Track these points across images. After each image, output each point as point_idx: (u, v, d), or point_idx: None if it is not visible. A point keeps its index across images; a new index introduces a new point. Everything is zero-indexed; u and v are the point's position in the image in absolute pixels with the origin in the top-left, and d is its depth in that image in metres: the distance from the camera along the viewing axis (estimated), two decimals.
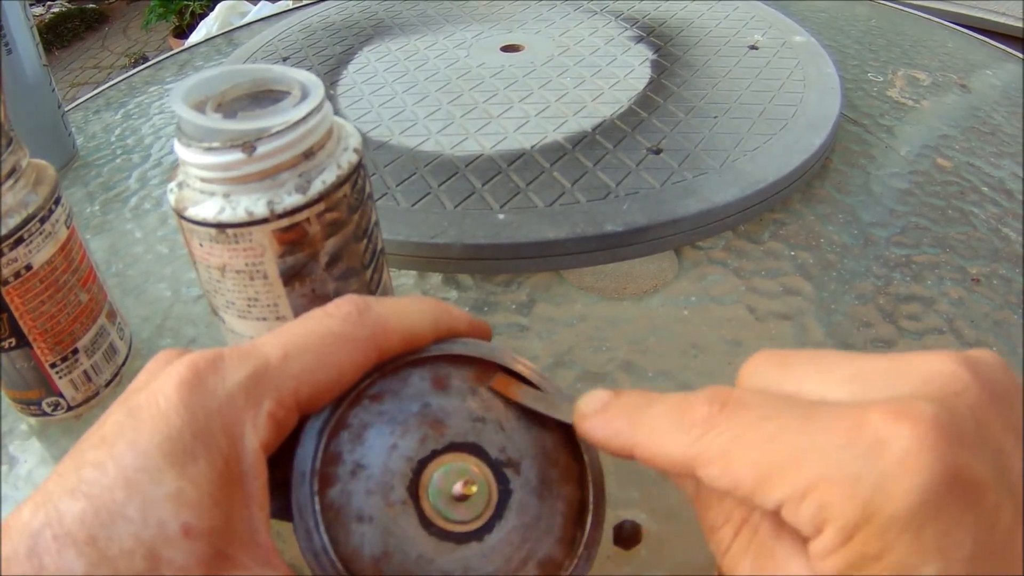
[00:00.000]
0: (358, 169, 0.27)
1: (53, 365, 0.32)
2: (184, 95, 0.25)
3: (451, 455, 0.19)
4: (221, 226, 0.25)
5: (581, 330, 0.36)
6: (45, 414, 0.33)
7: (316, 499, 0.18)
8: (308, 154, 0.25)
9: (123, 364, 0.35)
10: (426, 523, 0.18)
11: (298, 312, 0.27)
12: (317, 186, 0.25)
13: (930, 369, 0.16)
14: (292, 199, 0.24)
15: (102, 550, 0.15)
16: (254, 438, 0.17)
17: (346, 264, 0.27)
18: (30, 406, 0.33)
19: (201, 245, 0.26)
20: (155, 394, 0.17)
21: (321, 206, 0.25)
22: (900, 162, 0.48)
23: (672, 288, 0.39)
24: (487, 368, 0.21)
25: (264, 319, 0.27)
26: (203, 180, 0.25)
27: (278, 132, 0.24)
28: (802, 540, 0.16)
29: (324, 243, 0.26)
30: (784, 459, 0.15)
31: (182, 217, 0.25)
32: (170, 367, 0.18)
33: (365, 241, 0.28)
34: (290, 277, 0.26)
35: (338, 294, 0.27)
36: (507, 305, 0.38)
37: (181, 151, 0.25)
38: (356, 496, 0.18)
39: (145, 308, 0.40)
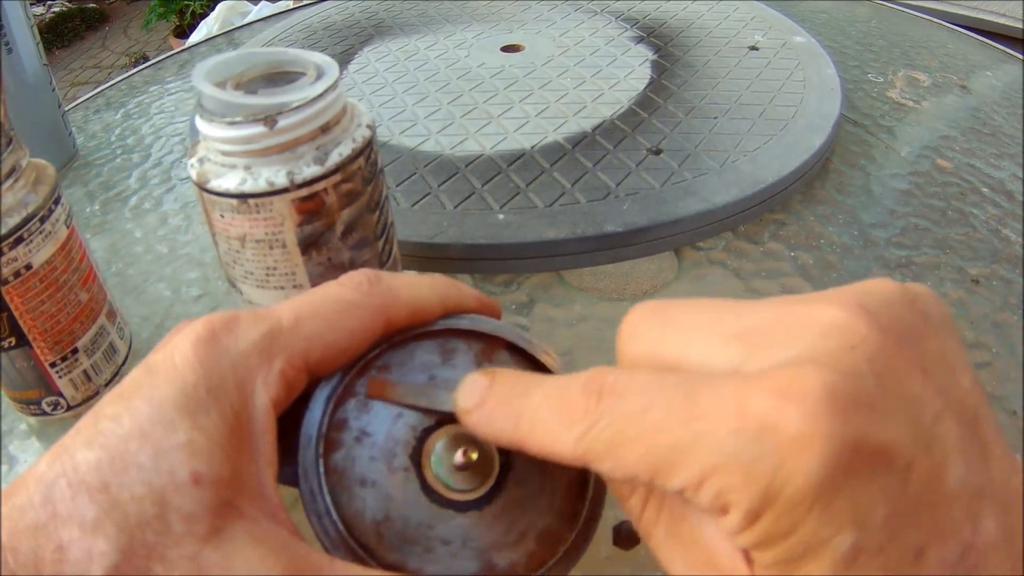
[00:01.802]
0: (371, 143, 0.28)
1: (53, 365, 0.32)
2: (205, 75, 0.26)
3: (455, 426, 0.19)
4: (243, 196, 0.26)
5: (581, 330, 0.36)
6: (45, 414, 0.33)
7: (321, 462, 0.18)
8: (325, 128, 0.26)
9: (123, 364, 0.35)
10: (427, 490, 0.19)
11: (315, 280, 0.28)
12: (334, 158, 0.26)
13: (823, 322, 0.15)
14: (311, 170, 0.26)
15: (114, 496, 0.15)
16: (264, 395, 0.17)
17: (360, 234, 0.29)
18: (30, 406, 0.33)
19: (222, 216, 0.27)
20: (172, 352, 0.17)
21: (338, 177, 0.27)
22: (900, 163, 0.48)
23: (672, 289, 0.39)
24: (493, 343, 0.21)
25: (282, 288, 0.28)
26: (224, 154, 0.26)
27: (298, 107, 0.25)
28: None
29: (340, 213, 0.27)
30: (673, 449, 0.14)
31: (204, 189, 0.27)
32: (187, 327, 0.18)
33: (377, 213, 0.29)
34: (308, 246, 0.27)
35: (352, 263, 0.29)
36: (507, 305, 0.38)
37: (204, 126, 0.26)
38: (360, 461, 0.19)
39: (145, 308, 0.40)
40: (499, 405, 0.18)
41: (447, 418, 0.19)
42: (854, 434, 0.13)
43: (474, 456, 0.19)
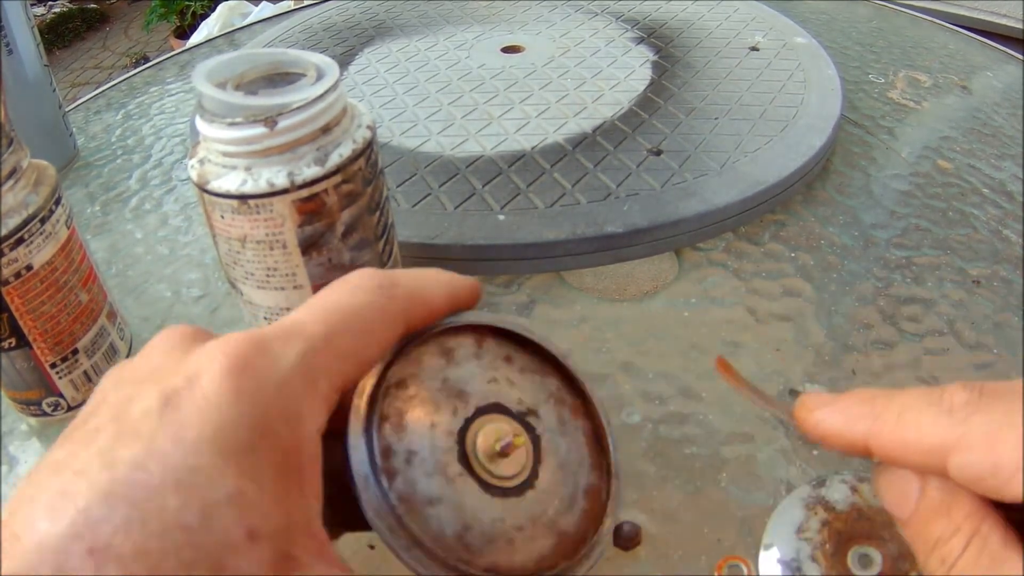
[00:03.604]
0: (371, 144, 0.28)
1: (53, 365, 0.32)
2: (206, 75, 0.26)
3: (480, 419, 0.20)
4: (243, 197, 0.26)
5: (581, 331, 0.36)
6: (45, 414, 0.33)
7: (391, 495, 0.17)
8: (326, 129, 0.26)
9: None
10: (485, 486, 0.19)
11: (315, 281, 0.28)
12: (334, 159, 0.26)
13: None
14: (311, 171, 0.26)
15: (155, 565, 0.13)
16: (311, 424, 0.16)
17: (361, 235, 0.29)
18: (30, 406, 0.33)
19: (222, 217, 0.27)
20: (198, 381, 0.15)
21: (338, 178, 0.27)
22: (901, 164, 0.48)
23: (672, 289, 0.39)
24: (480, 331, 0.21)
25: (282, 288, 0.28)
26: (225, 154, 0.26)
27: (298, 108, 0.25)
28: None
29: (341, 214, 0.27)
30: None
31: (204, 190, 0.27)
32: (208, 350, 0.16)
33: (378, 214, 0.29)
34: (308, 247, 0.27)
35: (353, 264, 0.29)
36: (507, 306, 0.38)
37: (204, 127, 0.26)
38: (419, 482, 0.18)
39: (145, 308, 0.40)
40: (859, 402, 0.18)
41: (471, 415, 0.20)
42: None
43: (521, 440, 0.19)
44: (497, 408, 0.20)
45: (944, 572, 0.17)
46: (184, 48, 0.76)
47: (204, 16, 2.26)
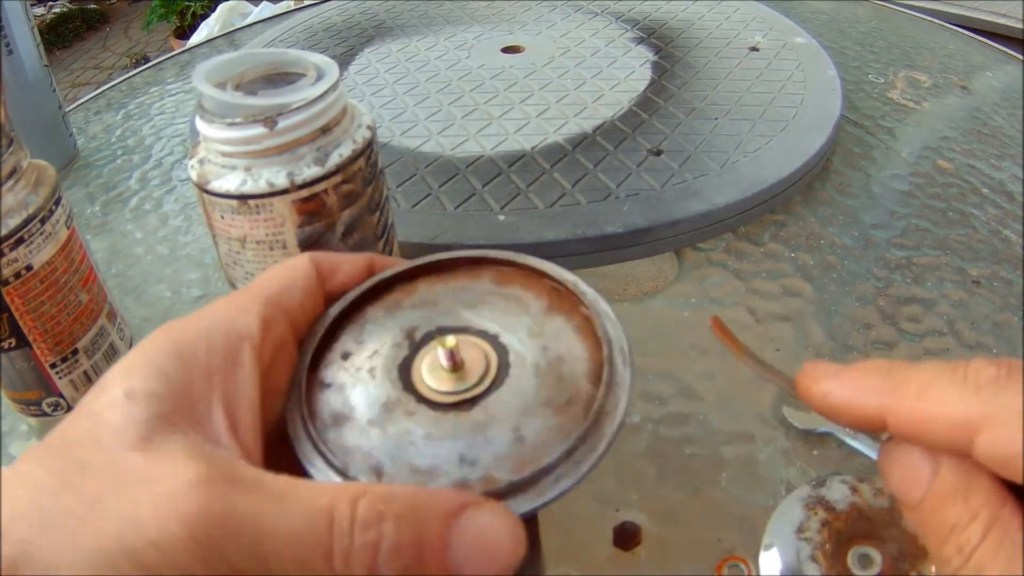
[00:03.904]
0: (371, 144, 0.28)
1: (53, 366, 0.32)
2: (206, 75, 0.26)
3: (432, 343, 0.20)
4: (243, 197, 0.26)
5: None
6: (45, 415, 0.33)
7: (312, 431, 0.18)
8: (325, 129, 0.26)
9: None
10: (430, 404, 0.18)
11: None
12: (334, 159, 0.26)
13: None
14: (311, 171, 0.26)
15: (63, 430, 0.16)
16: (241, 331, 0.18)
17: (361, 235, 0.29)
18: (30, 407, 0.33)
19: (222, 217, 0.27)
20: None
21: (338, 178, 0.27)
22: (901, 164, 0.48)
23: (672, 290, 0.39)
24: (451, 264, 0.22)
25: None
26: (225, 155, 0.26)
27: (298, 108, 0.25)
28: None
29: (341, 214, 0.28)
30: None
31: (204, 191, 0.27)
32: None
33: (378, 214, 0.29)
34: (308, 247, 0.27)
35: None
36: None
37: (204, 127, 0.26)
38: (352, 410, 0.19)
39: (145, 309, 0.40)
40: (871, 371, 0.17)
41: (423, 340, 0.20)
42: None
43: (449, 344, 0.19)
44: (452, 331, 0.20)
45: (961, 561, 0.16)
46: (184, 48, 0.76)
47: (204, 16, 2.26)
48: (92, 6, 3.30)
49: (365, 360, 0.19)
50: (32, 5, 0.55)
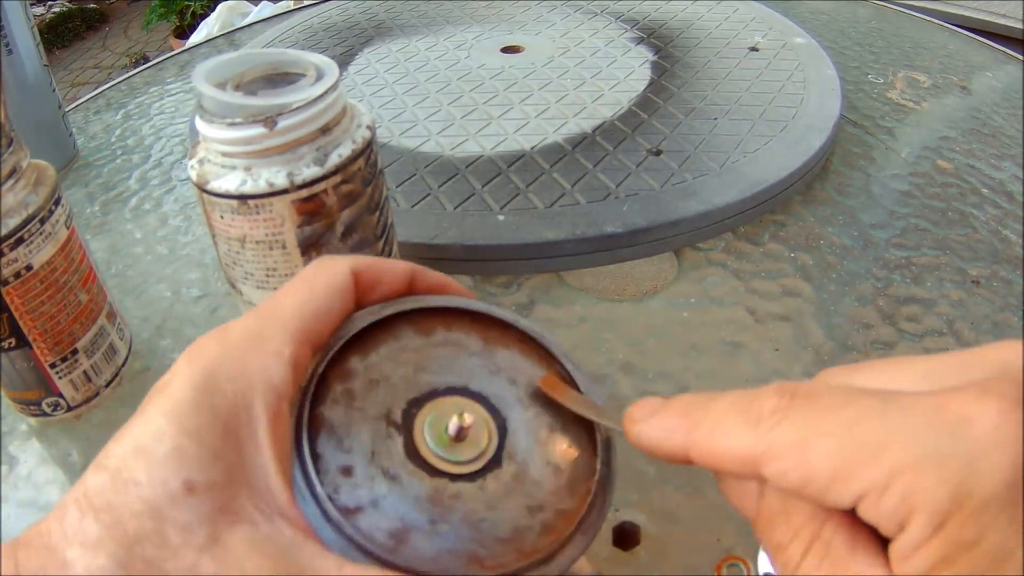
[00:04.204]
0: (371, 144, 0.28)
1: (53, 365, 0.32)
2: (206, 75, 0.26)
3: (431, 403, 0.19)
4: (243, 197, 0.26)
5: (581, 331, 0.36)
6: (45, 414, 0.33)
7: (328, 508, 0.17)
8: (325, 129, 0.27)
9: (123, 364, 0.35)
10: (436, 474, 0.18)
11: None
12: (334, 159, 0.26)
13: (1003, 358, 0.15)
14: (311, 171, 0.26)
15: (116, 515, 0.15)
16: (264, 381, 0.17)
17: (360, 235, 0.29)
18: (30, 406, 0.33)
19: (222, 217, 0.27)
20: (169, 371, 0.17)
21: (338, 178, 0.27)
22: (900, 164, 0.48)
23: (672, 289, 0.39)
24: (444, 314, 0.21)
25: None
26: (225, 155, 0.26)
27: (298, 108, 0.25)
28: (881, 550, 0.15)
29: (340, 214, 0.28)
30: (864, 447, 0.14)
31: (204, 191, 0.27)
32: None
33: (377, 214, 0.30)
34: (308, 247, 0.27)
35: None
36: (507, 307, 0.38)
37: (203, 127, 0.26)
38: (359, 487, 0.18)
39: (145, 308, 0.40)
40: (676, 414, 0.17)
41: (424, 398, 0.19)
42: None
43: (464, 419, 0.18)
44: (454, 391, 0.19)
45: None
46: (184, 48, 0.76)
47: (204, 16, 2.26)
48: (92, 6, 3.29)
49: (370, 468, 0.18)
50: (32, 5, 0.55)
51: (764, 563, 0.26)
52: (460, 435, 0.18)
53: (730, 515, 0.28)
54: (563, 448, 0.19)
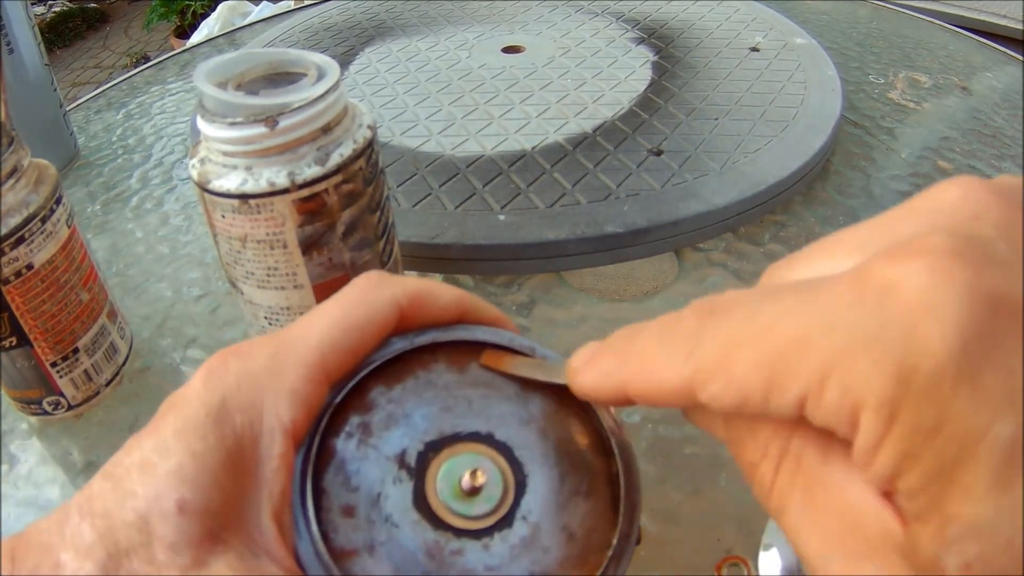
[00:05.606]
0: (372, 144, 0.28)
1: (54, 364, 0.32)
2: (207, 75, 0.26)
3: (445, 451, 0.18)
4: (244, 197, 0.26)
5: (581, 331, 0.37)
6: (45, 413, 0.33)
7: (321, 551, 0.16)
8: (326, 129, 0.27)
9: (124, 363, 0.35)
10: (446, 529, 0.17)
11: (316, 280, 0.28)
12: (335, 158, 0.26)
13: (939, 200, 0.13)
14: (312, 171, 0.26)
15: (110, 522, 0.15)
16: (273, 418, 0.17)
17: (361, 234, 0.29)
18: (30, 405, 0.33)
19: (223, 217, 0.27)
20: (187, 384, 0.17)
21: (339, 177, 0.27)
22: (901, 164, 0.48)
23: (672, 289, 0.39)
24: (463, 348, 0.20)
25: (283, 288, 0.28)
26: (226, 154, 0.26)
27: (299, 107, 0.25)
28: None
29: (341, 213, 0.28)
30: (787, 346, 0.12)
31: (205, 190, 0.27)
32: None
33: (378, 213, 0.30)
34: (309, 246, 0.27)
35: (353, 264, 0.29)
36: (507, 306, 0.38)
37: (204, 127, 0.26)
38: (359, 532, 0.17)
39: (146, 308, 0.40)
40: (608, 353, 0.16)
41: (437, 446, 0.18)
42: (991, 287, 0.11)
43: (480, 479, 0.17)
44: (477, 438, 0.18)
45: (766, 500, 0.15)
46: (184, 48, 0.76)
47: (204, 15, 2.26)
48: (92, 5, 3.30)
49: (372, 511, 0.17)
50: (32, 4, 0.55)
51: (764, 563, 0.26)
52: (472, 491, 0.17)
53: (730, 515, 0.28)
54: (582, 514, 0.18)
